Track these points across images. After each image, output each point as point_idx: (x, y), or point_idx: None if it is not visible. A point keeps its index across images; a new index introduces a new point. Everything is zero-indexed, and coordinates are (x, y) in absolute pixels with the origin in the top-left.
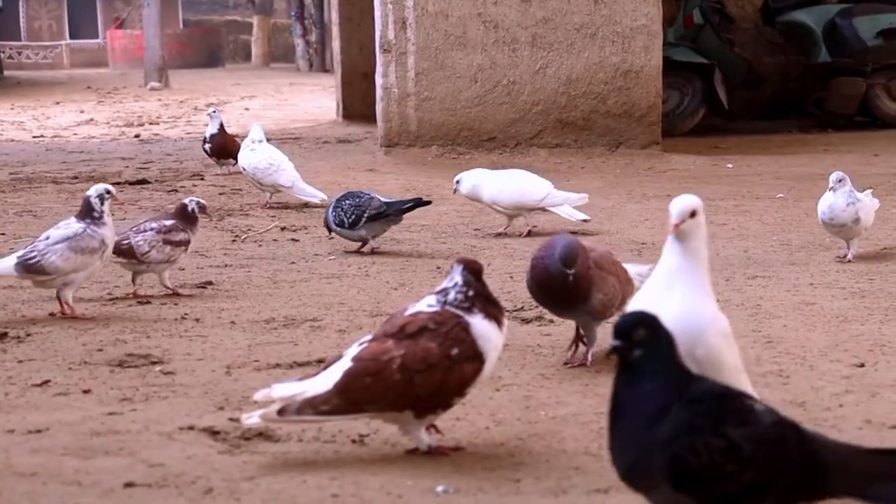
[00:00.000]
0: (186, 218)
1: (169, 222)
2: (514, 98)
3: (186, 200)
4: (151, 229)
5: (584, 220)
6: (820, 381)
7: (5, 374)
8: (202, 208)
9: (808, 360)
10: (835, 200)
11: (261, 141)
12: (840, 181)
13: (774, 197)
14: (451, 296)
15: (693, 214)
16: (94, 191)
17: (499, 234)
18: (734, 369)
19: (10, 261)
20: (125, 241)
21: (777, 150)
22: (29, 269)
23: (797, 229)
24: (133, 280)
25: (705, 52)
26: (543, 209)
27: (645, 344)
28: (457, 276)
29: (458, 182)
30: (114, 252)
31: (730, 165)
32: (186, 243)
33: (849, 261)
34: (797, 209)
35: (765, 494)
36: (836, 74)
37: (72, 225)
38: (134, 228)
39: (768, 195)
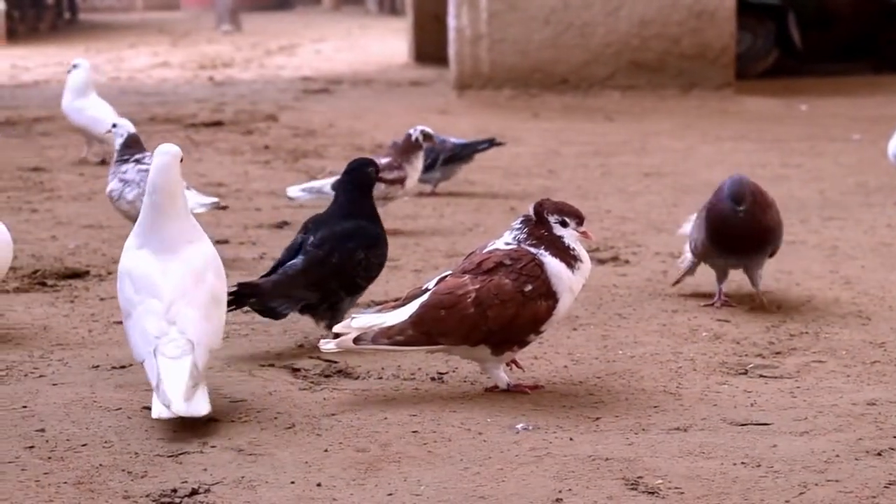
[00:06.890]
0: (410, 147)
1: (385, 160)
2: (587, 39)
3: (411, 130)
4: None
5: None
6: None
7: (88, 312)
8: (427, 137)
9: (888, 301)
10: None
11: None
12: None
13: (850, 139)
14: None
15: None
16: None
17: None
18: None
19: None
20: None
21: (851, 92)
22: None
23: (873, 171)
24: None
25: None
26: None
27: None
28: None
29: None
30: None
31: (803, 107)
32: (402, 180)
33: None
34: (873, 150)
35: None
36: None
37: None
38: None
39: (843, 137)
